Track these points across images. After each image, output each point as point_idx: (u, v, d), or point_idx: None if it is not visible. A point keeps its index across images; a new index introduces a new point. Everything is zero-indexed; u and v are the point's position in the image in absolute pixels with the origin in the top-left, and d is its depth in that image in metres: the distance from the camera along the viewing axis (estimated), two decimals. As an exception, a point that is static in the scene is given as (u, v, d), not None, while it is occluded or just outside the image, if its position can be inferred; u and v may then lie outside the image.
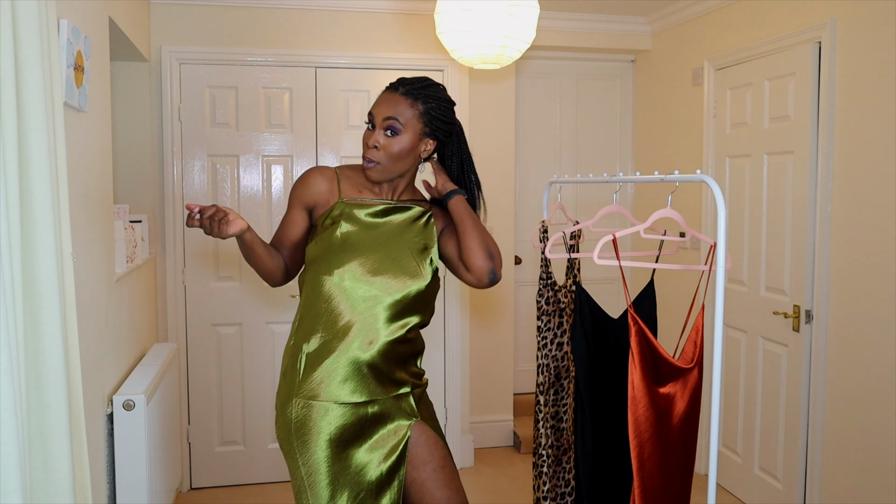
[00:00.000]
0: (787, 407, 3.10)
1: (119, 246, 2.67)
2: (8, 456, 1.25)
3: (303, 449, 1.76)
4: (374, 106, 1.84)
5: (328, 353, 1.77)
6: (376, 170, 1.82)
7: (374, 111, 1.82)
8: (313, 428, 1.76)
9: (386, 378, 1.81)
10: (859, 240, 2.72)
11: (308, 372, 1.77)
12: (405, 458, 1.81)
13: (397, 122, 1.79)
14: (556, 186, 2.39)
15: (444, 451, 1.87)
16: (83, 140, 2.12)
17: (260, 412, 3.64)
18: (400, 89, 1.82)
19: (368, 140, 1.82)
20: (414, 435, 1.82)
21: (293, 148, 3.62)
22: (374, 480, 1.78)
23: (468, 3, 2.38)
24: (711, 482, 1.80)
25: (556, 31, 4.00)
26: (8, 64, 1.28)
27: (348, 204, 1.84)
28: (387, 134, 1.80)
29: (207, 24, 3.48)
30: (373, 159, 1.81)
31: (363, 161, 1.84)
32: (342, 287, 1.78)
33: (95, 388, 2.22)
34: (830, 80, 2.83)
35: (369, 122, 1.83)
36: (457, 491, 1.86)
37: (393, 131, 1.80)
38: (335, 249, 1.80)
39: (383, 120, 1.80)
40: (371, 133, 1.82)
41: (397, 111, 1.80)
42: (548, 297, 2.19)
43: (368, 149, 1.82)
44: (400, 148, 1.81)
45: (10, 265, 1.26)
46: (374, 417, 1.79)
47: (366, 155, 1.82)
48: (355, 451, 1.78)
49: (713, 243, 1.84)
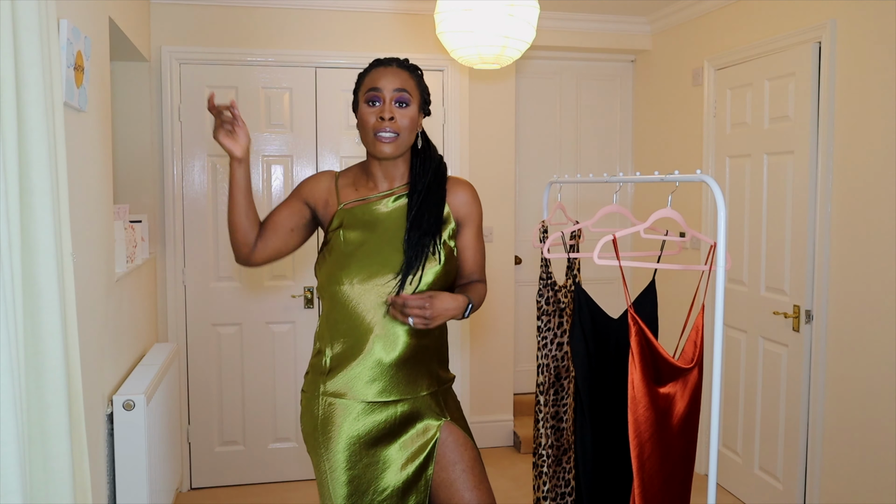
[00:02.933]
0: (787, 407, 3.10)
1: (119, 246, 2.67)
2: (8, 456, 1.25)
3: (326, 445, 1.77)
4: (375, 81, 1.79)
5: (353, 358, 1.78)
6: (394, 143, 1.77)
7: (382, 85, 1.78)
8: (336, 426, 1.77)
9: (414, 377, 1.81)
10: (859, 240, 2.72)
11: (334, 372, 1.79)
12: (433, 458, 1.80)
13: (406, 94, 1.78)
14: (556, 186, 2.39)
15: (474, 452, 1.87)
16: (83, 140, 2.12)
17: (260, 412, 3.64)
18: (394, 63, 1.83)
19: (381, 114, 1.76)
20: (443, 435, 1.81)
21: (293, 148, 3.61)
22: (401, 481, 1.77)
23: (468, 3, 2.38)
24: (711, 482, 1.80)
25: (556, 31, 4.00)
26: (8, 64, 1.28)
27: (347, 209, 1.83)
28: (397, 106, 1.78)
29: (207, 24, 3.48)
30: (392, 129, 1.76)
31: (374, 136, 1.77)
32: (355, 294, 1.76)
33: (95, 388, 2.22)
34: (830, 80, 2.83)
35: (372, 100, 1.78)
36: (486, 492, 1.85)
37: (405, 103, 1.78)
38: (342, 257, 1.79)
39: (394, 91, 1.77)
40: (379, 108, 1.77)
41: (404, 82, 1.80)
42: (548, 297, 2.19)
43: (383, 122, 1.76)
44: (411, 118, 1.79)
45: (10, 265, 1.26)
46: (404, 417, 1.79)
47: (380, 129, 1.76)
48: (384, 450, 1.78)
49: (713, 243, 1.84)
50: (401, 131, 1.78)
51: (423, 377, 1.83)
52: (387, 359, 1.77)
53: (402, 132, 1.78)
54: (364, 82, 1.82)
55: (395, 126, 1.77)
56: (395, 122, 1.77)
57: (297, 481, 3.68)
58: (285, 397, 3.66)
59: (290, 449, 3.68)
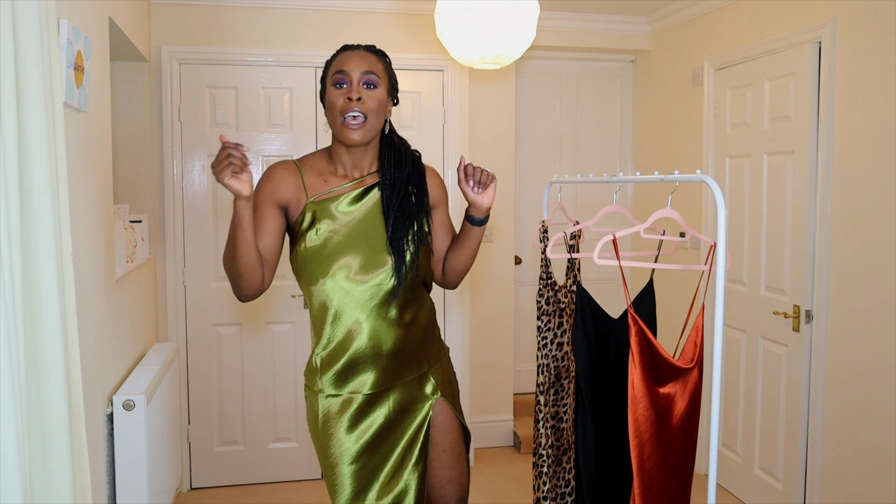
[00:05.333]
0: (787, 407, 3.10)
1: (119, 246, 2.67)
2: (8, 456, 1.25)
3: (329, 441, 1.80)
4: (343, 64, 1.75)
5: (343, 353, 1.78)
6: (363, 128, 1.73)
7: (348, 68, 1.73)
8: (337, 421, 1.79)
9: (407, 363, 1.84)
10: (859, 239, 2.72)
11: (326, 369, 1.80)
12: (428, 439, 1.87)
13: (374, 76, 1.74)
14: (556, 186, 2.39)
15: (458, 433, 1.92)
16: (83, 140, 2.12)
17: (260, 412, 3.64)
18: (361, 48, 1.80)
19: (349, 94, 1.71)
20: (434, 413, 1.87)
21: (293, 148, 3.62)
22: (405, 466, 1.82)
23: (468, 3, 2.38)
24: (711, 482, 1.80)
25: (556, 31, 4.00)
26: (8, 64, 1.28)
27: (318, 202, 1.78)
28: (365, 88, 1.74)
29: (207, 24, 3.48)
30: (360, 112, 1.71)
31: (342, 122, 1.73)
32: (336, 291, 1.76)
33: (95, 388, 2.22)
34: (830, 80, 2.83)
35: (340, 82, 1.74)
36: (461, 472, 1.93)
37: (372, 84, 1.74)
38: (319, 256, 1.76)
39: (362, 74, 1.73)
40: (347, 90, 1.73)
41: (372, 65, 1.76)
42: (548, 297, 2.19)
43: (350, 103, 1.71)
44: (379, 100, 1.75)
45: (10, 265, 1.26)
46: (401, 404, 1.83)
47: (346, 111, 1.71)
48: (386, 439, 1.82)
49: (713, 243, 1.84)
50: (368, 113, 1.73)
51: (414, 362, 1.85)
52: (379, 351, 1.78)
53: (369, 114, 1.73)
54: (332, 66, 1.78)
55: (364, 107, 1.72)
56: (364, 103, 1.72)
57: (297, 481, 3.68)
58: (285, 397, 3.66)
59: (290, 449, 3.68)
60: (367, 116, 1.73)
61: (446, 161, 3.75)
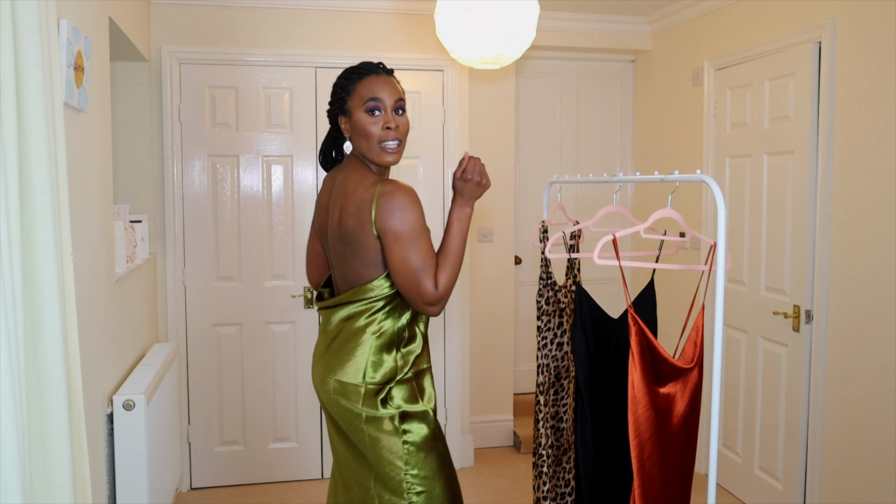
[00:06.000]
0: (787, 407, 3.10)
1: (119, 246, 2.67)
2: (8, 456, 1.25)
3: (448, 457, 1.90)
4: (376, 91, 1.82)
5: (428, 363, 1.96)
6: (399, 153, 1.84)
7: (382, 95, 1.82)
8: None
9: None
10: (859, 240, 2.72)
11: (427, 387, 1.91)
12: None
13: (403, 101, 1.85)
14: (556, 186, 2.39)
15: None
16: (83, 140, 2.12)
17: (260, 412, 3.64)
18: (383, 72, 1.86)
19: (387, 123, 1.81)
20: None
21: (293, 148, 3.62)
22: None
23: (468, 3, 2.38)
24: (711, 482, 1.80)
25: (556, 31, 4.00)
26: (8, 64, 1.28)
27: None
28: (396, 114, 1.84)
29: (207, 24, 3.48)
30: (396, 138, 1.82)
31: (381, 148, 1.81)
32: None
33: (95, 388, 2.22)
34: (830, 80, 2.83)
35: (374, 109, 1.81)
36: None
37: (402, 110, 1.85)
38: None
39: (395, 101, 1.83)
40: (382, 117, 1.81)
41: (400, 91, 1.86)
42: (548, 297, 2.19)
43: (388, 132, 1.81)
44: (408, 126, 1.86)
45: (10, 265, 1.26)
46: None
47: (386, 139, 1.81)
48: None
49: (713, 243, 1.84)
50: (402, 138, 1.84)
51: None
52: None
53: (402, 139, 1.84)
54: (359, 91, 1.82)
55: (400, 134, 1.83)
56: (399, 130, 1.83)
57: (297, 481, 3.68)
58: (285, 397, 3.66)
59: (290, 449, 3.68)
60: (401, 141, 1.84)
61: (446, 161, 3.75)
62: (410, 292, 1.73)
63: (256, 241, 3.59)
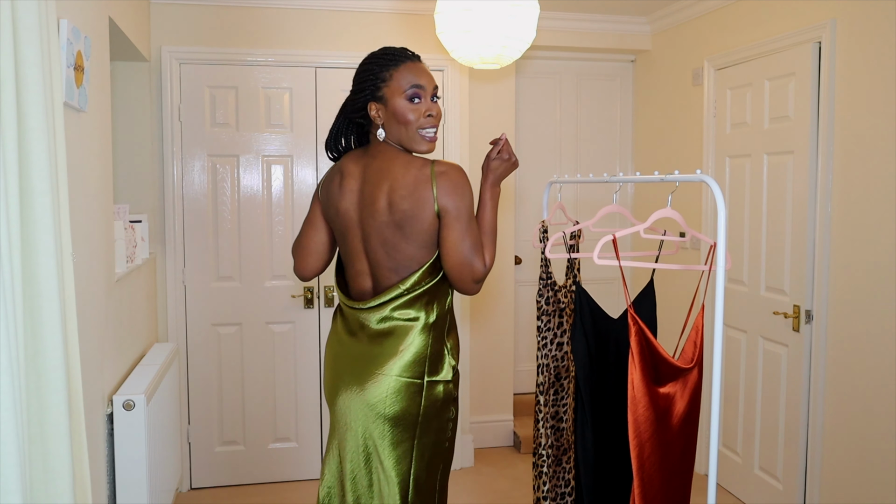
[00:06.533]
0: (787, 407, 3.10)
1: (119, 246, 2.67)
2: (8, 456, 1.25)
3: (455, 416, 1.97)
4: (419, 78, 1.84)
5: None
6: (436, 139, 1.88)
7: (424, 83, 1.84)
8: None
9: None
10: (859, 240, 2.72)
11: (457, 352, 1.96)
12: None
13: (437, 88, 1.89)
14: (556, 186, 2.39)
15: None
16: (83, 140, 2.12)
17: (260, 412, 3.64)
18: (418, 59, 1.90)
19: (429, 111, 1.84)
20: None
21: (293, 148, 3.62)
22: None
23: (468, 3, 2.38)
24: (711, 482, 1.80)
25: (556, 31, 4.00)
26: (8, 64, 1.28)
27: None
28: (432, 100, 1.87)
29: (207, 24, 3.48)
30: (435, 125, 1.86)
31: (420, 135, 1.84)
32: None
33: (95, 388, 2.22)
34: (830, 80, 2.83)
35: (416, 96, 1.83)
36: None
37: (437, 97, 1.89)
38: None
39: (434, 89, 1.87)
40: (423, 105, 1.84)
41: (434, 79, 1.89)
42: (548, 297, 2.19)
43: (430, 119, 1.84)
44: (441, 113, 1.89)
45: (10, 265, 1.26)
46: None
47: (425, 127, 1.84)
48: None
49: (713, 243, 1.84)
50: (437, 125, 1.88)
51: None
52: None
53: (438, 126, 1.88)
54: (397, 79, 1.83)
55: (437, 121, 1.87)
56: (437, 118, 1.86)
57: (297, 481, 3.68)
58: (285, 397, 3.66)
59: (290, 449, 3.68)
60: (436, 127, 1.88)
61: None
62: (462, 270, 1.76)
63: (256, 241, 3.59)
